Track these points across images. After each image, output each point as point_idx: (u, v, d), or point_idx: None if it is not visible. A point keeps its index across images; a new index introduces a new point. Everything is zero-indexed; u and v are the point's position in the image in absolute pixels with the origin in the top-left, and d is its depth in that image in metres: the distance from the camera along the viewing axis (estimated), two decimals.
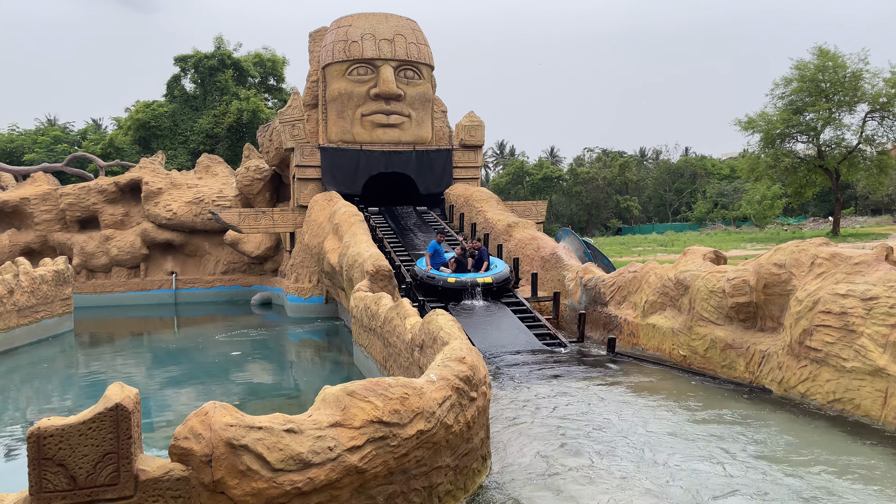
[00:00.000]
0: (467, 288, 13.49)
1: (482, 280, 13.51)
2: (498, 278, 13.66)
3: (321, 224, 18.47)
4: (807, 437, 6.43)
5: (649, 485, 5.31)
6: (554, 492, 5.27)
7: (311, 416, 4.47)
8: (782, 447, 6.19)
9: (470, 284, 13.49)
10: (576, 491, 5.26)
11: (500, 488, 5.46)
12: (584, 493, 5.22)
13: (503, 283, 13.76)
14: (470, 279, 13.54)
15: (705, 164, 76.12)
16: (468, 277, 13.60)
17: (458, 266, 14.10)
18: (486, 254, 14.42)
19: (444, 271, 14.00)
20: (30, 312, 17.38)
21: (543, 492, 5.29)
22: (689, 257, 10.35)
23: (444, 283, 13.58)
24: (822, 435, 6.50)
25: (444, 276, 13.73)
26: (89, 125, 58.93)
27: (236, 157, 40.88)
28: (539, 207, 22.97)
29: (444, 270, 14.05)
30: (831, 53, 36.79)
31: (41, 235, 26.69)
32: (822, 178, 39.90)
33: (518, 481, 5.54)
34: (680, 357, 9.65)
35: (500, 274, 13.80)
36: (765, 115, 38.91)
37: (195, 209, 26.26)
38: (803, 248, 8.27)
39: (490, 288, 13.54)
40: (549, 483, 5.44)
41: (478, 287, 13.45)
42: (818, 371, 7.41)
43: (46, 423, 3.75)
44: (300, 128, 21.00)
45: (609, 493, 5.18)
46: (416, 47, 21.23)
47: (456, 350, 5.95)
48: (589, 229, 69.26)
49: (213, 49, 47.33)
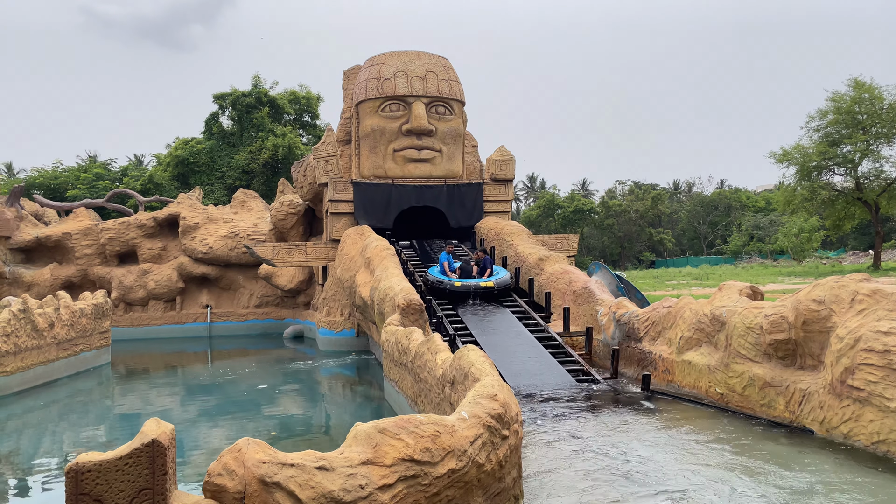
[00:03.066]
0: (471, 291, 15.45)
1: (484, 284, 15.49)
2: (499, 283, 15.58)
3: (353, 258, 18.63)
4: (852, 481, 6.21)
5: None
6: None
7: (342, 454, 4.47)
8: (828, 491, 5.98)
9: (474, 288, 15.45)
10: None
11: None
12: None
13: (504, 288, 15.67)
14: (474, 283, 15.52)
15: (740, 197, 75.26)
16: (472, 282, 15.58)
17: (462, 273, 16.23)
18: (490, 262, 16.61)
19: (452, 277, 15.95)
20: (69, 345, 17.74)
21: None
22: (724, 292, 10.18)
23: (452, 287, 15.54)
24: (868, 477, 6.27)
25: (452, 280, 15.68)
26: (131, 162, 60.67)
27: (271, 192, 41.63)
28: (570, 241, 22.89)
29: (452, 276, 16.01)
30: (867, 85, 36.37)
31: (81, 269, 27.36)
32: (860, 211, 39.14)
33: None
34: (717, 395, 9.44)
35: (502, 280, 15.74)
36: (800, 148, 38.46)
37: (230, 243, 26.73)
38: (843, 283, 8.09)
39: (491, 291, 15.46)
40: None
41: (481, 290, 15.39)
42: (861, 411, 7.18)
43: (84, 459, 3.81)
44: (333, 163, 21.34)
45: None
46: (448, 84, 21.54)
47: (487, 387, 5.91)
48: (622, 262, 68.63)
49: (251, 87, 48.61)
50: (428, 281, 16.20)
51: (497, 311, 14.96)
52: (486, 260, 16.62)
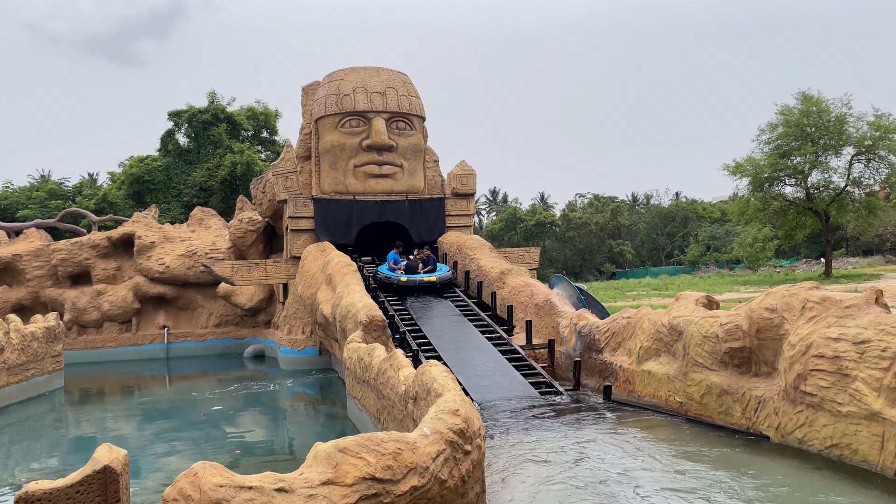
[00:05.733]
0: (416, 286, 17.06)
1: (428, 279, 17.18)
2: (441, 279, 17.31)
3: (314, 275, 18.47)
4: (806, 487, 6.36)
5: None
6: None
7: (302, 475, 4.41)
8: (785, 497, 6.11)
9: (418, 283, 17.08)
10: None
11: None
12: None
13: (446, 282, 17.35)
14: (419, 279, 17.15)
15: (696, 208, 76.93)
16: (417, 277, 17.22)
17: (408, 269, 17.78)
18: (434, 260, 18.48)
19: (399, 273, 17.56)
20: (20, 370, 17.18)
21: None
22: (681, 302, 10.37)
23: (398, 282, 17.13)
24: (822, 482, 6.43)
25: (399, 276, 17.30)
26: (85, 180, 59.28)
27: (230, 210, 41.09)
28: (532, 254, 23.07)
29: (399, 272, 17.60)
30: (815, 98, 37.60)
31: (33, 291, 26.58)
32: (812, 221, 40.32)
33: None
34: (676, 404, 9.58)
35: (444, 275, 17.49)
36: (752, 160, 39.51)
37: (188, 262, 26.25)
38: (794, 291, 8.31)
39: (434, 285, 17.15)
40: None
41: (425, 284, 17.05)
42: (814, 416, 7.37)
43: (34, 488, 3.69)
44: (293, 180, 21.19)
45: None
46: (408, 99, 21.61)
47: (450, 402, 5.90)
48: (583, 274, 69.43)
49: (207, 104, 48.04)
50: (377, 277, 17.79)
51: (437, 301, 16.63)
52: (429, 258, 18.42)
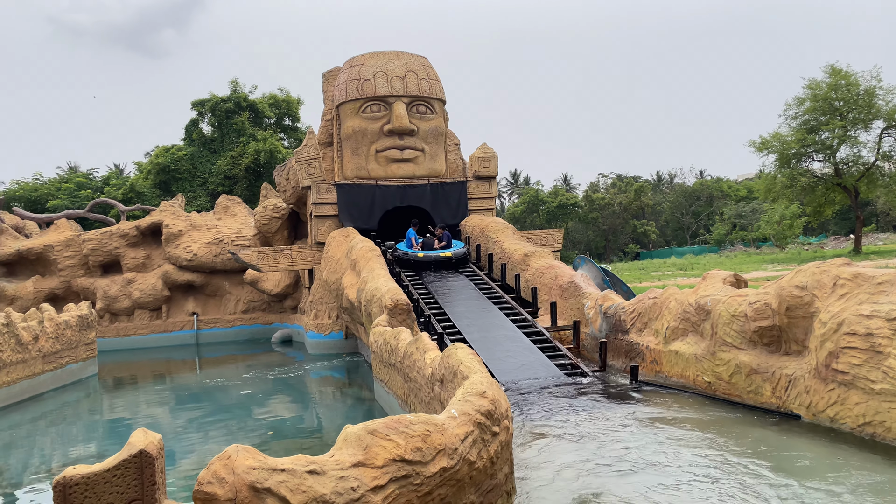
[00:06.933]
0: (432, 261, 17.89)
1: (443, 255, 18.00)
2: (456, 254, 18.14)
3: (339, 260, 18.58)
4: (839, 465, 6.29)
5: None
6: None
7: (333, 457, 4.46)
8: (818, 475, 6.05)
9: (434, 258, 17.90)
10: None
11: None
12: None
13: (461, 258, 18.20)
14: (434, 254, 17.97)
15: (721, 186, 75.84)
16: (433, 253, 18.04)
17: (425, 246, 18.58)
18: (448, 236, 19.17)
19: (416, 249, 18.38)
20: (55, 358, 17.57)
21: None
22: (708, 282, 10.26)
23: (415, 258, 17.98)
24: (855, 461, 6.35)
25: (416, 252, 18.13)
26: (112, 171, 60.12)
27: (254, 197, 41.42)
28: (555, 235, 22.96)
29: (416, 249, 18.42)
30: (843, 72, 36.77)
31: (65, 281, 27.09)
32: (841, 196, 39.58)
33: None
34: (704, 384, 9.52)
35: (458, 251, 18.32)
36: (779, 136, 38.82)
37: (215, 250, 26.56)
38: (825, 269, 8.18)
39: (449, 261, 17.99)
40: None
41: (440, 259, 17.89)
42: (846, 394, 7.27)
43: (72, 472, 3.78)
44: (316, 166, 21.26)
45: None
46: (428, 83, 21.52)
47: (476, 384, 5.92)
48: (607, 255, 68.96)
49: (229, 92, 48.31)
50: (395, 254, 18.48)
51: (454, 276, 17.35)
52: (444, 234, 19.17)
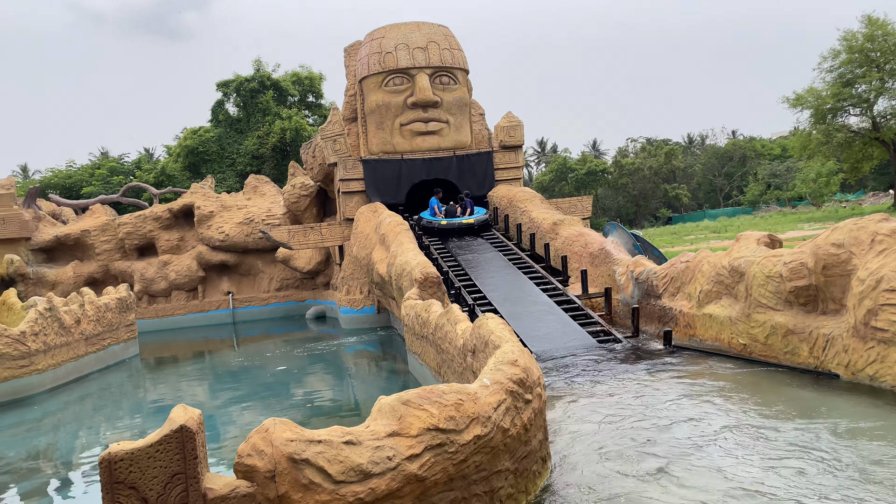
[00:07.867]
0: (455, 228, 18.50)
1: (466, 221, 18.62)
2: (478, 220, 18.76)
3: (368, 235, 18.67)
4: (880, 424, 6.20)
5: (724, 486, 5.20)
6: (620, 492, 5.21)
7: (368, 427, 4.53)
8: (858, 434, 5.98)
9: (457, 225, 18.53)
10: (643, 490, 5.19)
11: (563, 490, 5.42)
12: (650, 491, 5.15)
13: (483, 223, 18.81)
14: (457, 221, 18.61)
15: (754, 146, 74.15)
16: (456, 220, 18.64)
17: (448, 214, 19.23)
18: (471, 203, 19.69)
19: (440, 217, 19.03)
20: (97, 340, 18.05)
21: (608, 492, 5.23)
22: (742, 243, 10.10)
23: (439, 226, 18.60)
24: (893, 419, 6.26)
25: (439, 220, 18.81)
26: (143, 155, 60.96)
27: (282, 176, 41.71)
28: (584, 203, 22.74)
29: (440, 217, 19.09)
30: (880, 21, 35.45)
31: (103, 265, 27.70)
32: (879, 151, 38.44)
33: (581, 483, 5.49)
34: (740, 346, 9.42)
35: (480, 217, 18.91)
36: (813, 91, 37.73)
37: (246, 229, 26.89)
38: (862, 225, 7.98)
39: (472, 227, 18.59)
40: (613, 485, 5.38)
41: (463, 226, 18.50)
42: (886, 352, 7.14)
43: (116, 448, 3.90)
44: (341, 142, 21.29)
45: (680, 495, 5.09)
46: (450, 53, 21.30)
47: (508, 353, 5.94)
48: (638, 221, 68.20)
49: (253, 72, 48.43)
50: (420, 223, 18.95)
51: (477, 243, 17.80)
52: (467, 202, 19.69)
